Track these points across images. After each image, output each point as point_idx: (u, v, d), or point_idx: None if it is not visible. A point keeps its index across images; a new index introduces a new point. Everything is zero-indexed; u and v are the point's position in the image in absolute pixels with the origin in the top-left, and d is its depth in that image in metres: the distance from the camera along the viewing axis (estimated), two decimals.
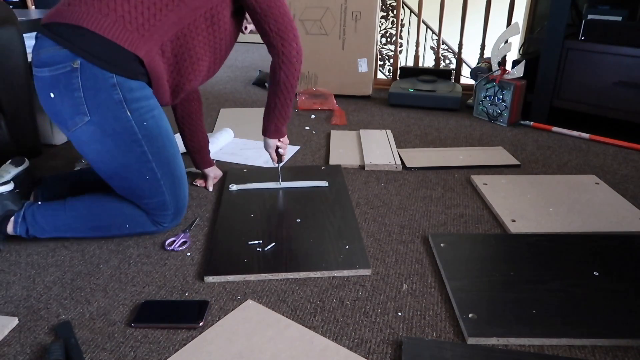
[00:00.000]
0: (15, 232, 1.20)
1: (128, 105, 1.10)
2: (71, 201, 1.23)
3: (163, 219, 1.25)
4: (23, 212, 1.21)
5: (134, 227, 1.24)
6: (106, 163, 1.16)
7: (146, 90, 1.14)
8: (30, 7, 2.78)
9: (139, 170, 1.16)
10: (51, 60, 1.06)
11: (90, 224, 1.23)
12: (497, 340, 0.92)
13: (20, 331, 0.96)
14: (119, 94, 1.08)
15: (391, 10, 4.76)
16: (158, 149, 1.17)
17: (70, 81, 1.06)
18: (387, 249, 1.23)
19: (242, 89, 2.78)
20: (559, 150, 1.89)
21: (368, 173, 1.68)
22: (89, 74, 1.06)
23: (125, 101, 1.09)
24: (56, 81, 1.07)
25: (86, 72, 1.05)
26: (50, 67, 1.07)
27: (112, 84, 1.07)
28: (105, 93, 1.07)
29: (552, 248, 1.19)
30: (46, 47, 1.07)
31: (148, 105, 1.14)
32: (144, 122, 1.13)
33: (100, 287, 1.09)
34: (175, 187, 1.23)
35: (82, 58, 1.05)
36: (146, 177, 1.17)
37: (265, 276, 1.11)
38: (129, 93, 1.09)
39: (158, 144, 1.17)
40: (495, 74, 2.16)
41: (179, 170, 1.24)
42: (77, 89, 1.06)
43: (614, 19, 1.93)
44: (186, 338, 0.94)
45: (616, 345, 0.92)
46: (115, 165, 1.16)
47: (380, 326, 0.98)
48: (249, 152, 1.84)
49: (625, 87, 1.92)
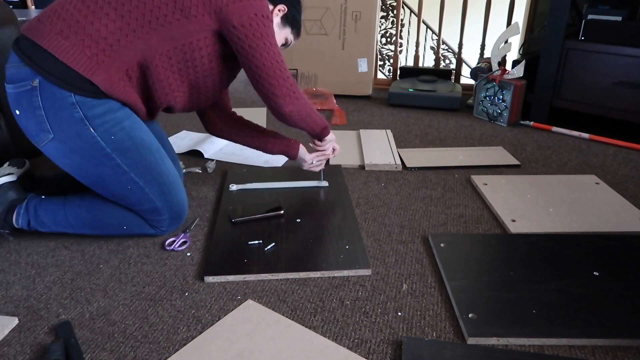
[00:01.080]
0: (18, 223, 1.21)
1: (90, 122, 1.07)
2: (71, 199, 1.23)
3: (159, 223, 1.24)
4: (26, 203, 1.21)
5: (132, 229, 1.23)
6: (82, 176, 1.16)
7: (111, 104, 1.10)
8: (30, 7, 2.78)
9: (118, 181, 1.15)
10: (14, 77, 1.06)
11: (89, 223, 1.22)
12: (497, 340, 0.92)
13: (20, 331, 0.96)
14: (79, 112, 1.06)
15: (391, 10, 4.76)
16: (133, 160, 1.14)
17: (31, 99, 1.05)
18: (387, 249, 1.23)
19: (242, 89, 2.78)
20: (559, 150, 1.89)
21: (368, 173, 1.68)
22: (48, 93, 1.05)
23: (86, 119, 1.07)
24: (19, 99, 1.07)
25: (45, 90, 1.04)
26: (13, 85, 1.07)
27: (70, 103, 1.05)
28: (65, 112, 1.06)
29: (552, 248, 1.19)
30: (12, 63, 1.07)
31: (114, 118, 1.10)
32: (111, 137, 1.10)
33: (100, 287, 1.09)
34: (164, 193, 1.20)
35: (41, 77, 1.04)
36: (127, 187, 1.16)
37: (265, 276, 1.11)
38: (89, 110, 1.07)
39: (132, 155, 1.14)
40: (495, 74, 2.16)
41: (165, 177, 1.20)
42: (38, 107, 1.06)
43: (614, 19, 1.93)
44: (186, 338, 0.94)
45: (616, 345, 0.92)
46: (92, 178, 1.15)
47: (380, 326, 0.98)
48: (249, 152, 1.84)
49: (625, 87, 1.92)
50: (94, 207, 1.22)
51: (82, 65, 1.04)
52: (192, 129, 2.09)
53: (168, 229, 1.26)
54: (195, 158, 1.79)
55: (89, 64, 1.04)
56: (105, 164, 1.12)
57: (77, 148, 1.09)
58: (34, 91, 1.05)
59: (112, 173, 1.13)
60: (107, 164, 1.12)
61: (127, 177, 1.14)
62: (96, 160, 1.11)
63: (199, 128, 2.10)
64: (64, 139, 1.08)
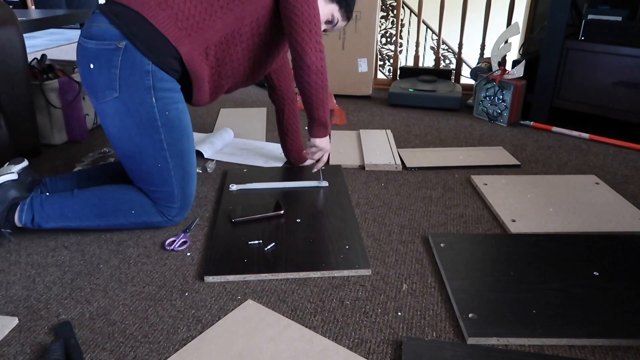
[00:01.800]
0: (21, 221, 1.21)
1: (155, 92, 1.16)
2: (79, 191, 1.26)
3: (169, 211, 1.27)
4: (30, 199, 1.22)
5: (140, 214, 1.26)
6: (123, 141, 1.21)
7: (175, 85, 1.21)
8: (30, 7, 2.78)
9: (153, 155, 1.21)
10: (100, 35, 1.14)
11: (97, 210, 1.24)
12: (497, 340, 0.92)
13: (20, 331, 0.96)
14: (150, 80, 1.15)
15: (391, 10, 4.76)
16: (174, 140, 1.22)
17: (111, 58, 1.13)
18: (387, 249, 1.23)
19: (242, 89, 2.78)
20: (559, 150, 1.89)
21: (368, 173, 1.68)
22: (129, 56, 1.13)
23: (153, 88, 1.16)
24: (99, 54, 1.14)
25: (127, 53, 1.13)
26: (97, 41, 1.14)
27: (146, 70, 1.15)
28: (138, 76, 1.15)
29: (552, 248, 1.19)
30: (99, 22, 1.15)
31: (174, 97, 1.21)
32: (166, 112, 1.19)
33: (100, 287, 1.09)
34: (184, 181, 1.27)
35: (128, 40, 1.13)
36: (158, 165, 1.22)
37: (265, 276, 1.11)
38: (159, 82, 1.16)
39: (175, 135, 1.22)
40: (495, 74, 2.16)
41: (190, 166, 1.28)
42: (115, 66, 1.14)
43: (614, 19, 1.93)
44: (186, 338, 0.94)
45: (616, 345, 0.92)
46: (131, 146, 1.21)
47: (380, 326, 0.98)
48: (249, 152, 1.84)
49: (625, 87, 1.92)
50: (103, 193, 1.26)
51: (173, 34, 1.15)
52: (193, 129, 2.09)
53: (175, 218, 1.29)
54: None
55: (179, 34, 1.15)
56: (151, 135, 1.19)
57: (134, 112, 1.17)
58: (117, 51, 1.13)
59: (152, 146, 1.20)
60: (153, 136, 1.19)
61: (162, 155, 1.21)
62: (145, 129, 1.18)
63: (199, 128, 2.10)
64: (127, 100, 1.16)
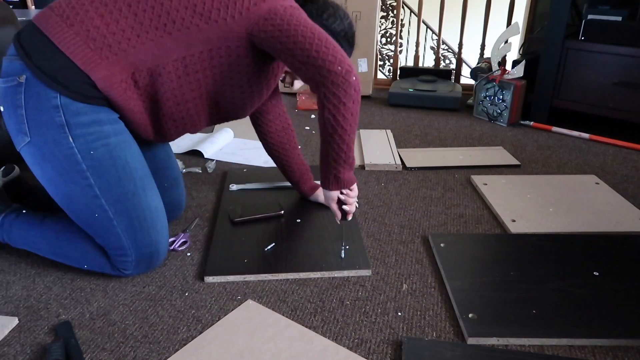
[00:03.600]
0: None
1: (71, 130, 0.97)
2: (49, 219, 1.14)
3: (123, 265, 1.07)
4: (2, 218, 1.15)
5: (92, 266, 1.10)
6: (51, 191, 1.04)
7: (101, 115, 0.99)
8: (30, 7, 2.78)
9: (86, 204, 1.01)
10: (5, 71, 0.98)
11: (53, 250, 1.12)
12: (497, 340, 0.92)
13: (20, 331, 0.96)
14: (62, 116, 0.96)
15: (391, 10, 4.76)
16: (109, 184, 1.01)
17: (15, 96, 0.97)
18: (387, 249, 1.23)
19: None
20: (559, 150, 1.89)
21: (368, 173, 1.68)
22: (32, 92, 0.95)
23: (67, 126, 0.96)
24: (5, 94, 0.98)
25: (30, 88, 0.95)
26: (3, 79, 0.99)
27: (54, 105, 0.95)
28: (46, 114, 0.96)
29: (552, 248, 1.19)
30: (8, 55, 0.99)
31: (100, 131, 0.99)
32: (91, 152, 0.98)
33: (100, 287, 1.09)
34: (134, 230, 1.04)
35: (29, 72, 0.95)
36: (95, 214, 1.02)
37: (265, 276, 1.11)
38: (73, 117, 0.96)
39: (109, 177, 1.00)
40: (495, 74, 2.16)
41: (140, 211, 1.04)
42: (20, 106, 0.97)
43: (614, 19, 1.93)
44: (186, 338, 0.94)
45: (616, 345, 0.92)
46: (61, 195, 1.03)
47: (380, 326, 0.98)
48: (249, 152, 1.84)
49: (625, 87, 1.92)
50: (64, 233, 1.11)
51: (82, 57, 0.94)
52: None
53: (133, 272, 1.09)
54: (195, 158, 1.79)
55: (91, 56, 0.94)
56: (77, 182, 1.00)
57: (50, 157, 0.98)
58: (19, 87, 0.96)
59: (81, 193, 1.01)
60: (79, 182, 1.00)
61: (96, 203, 1.01)
62: (68, 175, 0.99)
63: None
64: (39, 144, 0.98)
